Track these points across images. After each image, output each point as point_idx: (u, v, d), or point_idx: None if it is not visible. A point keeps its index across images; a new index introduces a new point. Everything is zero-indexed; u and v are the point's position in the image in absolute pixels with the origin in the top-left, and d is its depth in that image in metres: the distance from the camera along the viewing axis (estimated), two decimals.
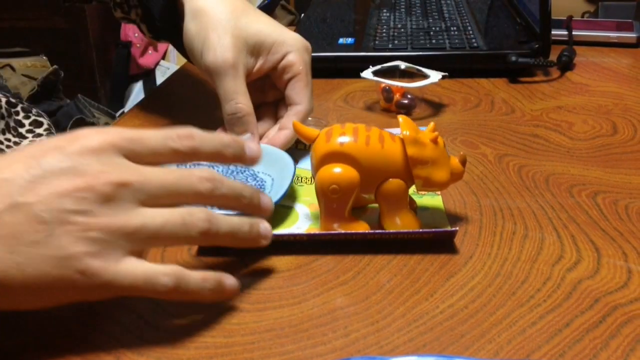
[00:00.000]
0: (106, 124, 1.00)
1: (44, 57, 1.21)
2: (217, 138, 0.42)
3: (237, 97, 0.54)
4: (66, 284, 0.35)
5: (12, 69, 1.13)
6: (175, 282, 0.37)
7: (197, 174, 0.40)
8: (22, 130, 0.71)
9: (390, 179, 0.46)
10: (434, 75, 0.71)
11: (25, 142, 0.69)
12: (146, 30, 0.66)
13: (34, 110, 0.71)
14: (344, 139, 0.46)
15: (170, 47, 2.28)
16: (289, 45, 0.57)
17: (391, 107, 0.72)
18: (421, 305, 0.41)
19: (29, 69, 1.17)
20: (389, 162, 0.46)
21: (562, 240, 0.47)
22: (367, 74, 0.72)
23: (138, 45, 2.20)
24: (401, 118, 0.46)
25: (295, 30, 0.95)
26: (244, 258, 0.46)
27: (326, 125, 0.68)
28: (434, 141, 0.46)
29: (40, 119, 0.71)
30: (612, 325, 0.39)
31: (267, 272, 0.45)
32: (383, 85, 0.71)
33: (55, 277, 0.35)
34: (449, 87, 0.79)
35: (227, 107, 0.54)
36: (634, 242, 0.47)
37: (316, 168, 0.46)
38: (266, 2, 1.86)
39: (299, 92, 0.57)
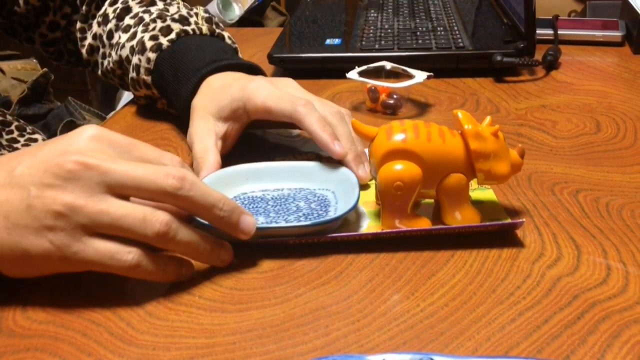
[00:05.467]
0: None
1: (34, 60, 1.21)
2: (213, 194, 0.43)
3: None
4: (43, 254, 0.40)
5: (2, 72, 1.13)
6: (138, 261, 0.41)
7: (167, 171, 0.41)
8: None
9: (452, 174, 0.46)
10: (419, 75, 0.71)
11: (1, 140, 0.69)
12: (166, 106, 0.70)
13: (8, 117, 0.71)
14: (405, 135, 0.46)
15: None
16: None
17: (377, 107, 0.72)
18: (402, 304, 0.41)
19: (19, 72, 1.17)
20: (451, 157, 0.46)
21: (543, 237, 0.48)
22: (353, 74, 0.72)
23: None
24: (460, 113, 0.47)
25: (283, 32, 0.96)
26: None
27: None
28: (495, 135, 0.47)
29: (10, 127, 0.71)
30: (590, 322, 0.39)
31: (250, 273, 0.45)
32: (369, 85, 0.71)
33: (34, 246, 0.39)
34: (435, 87, 0.79)
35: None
36: (614, 239, 0.47)
37: (378, 166, 0.47)
38: (257, 3, 1.87)
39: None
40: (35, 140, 0.71)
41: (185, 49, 0.64)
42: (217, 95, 0.58)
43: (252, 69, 0.64)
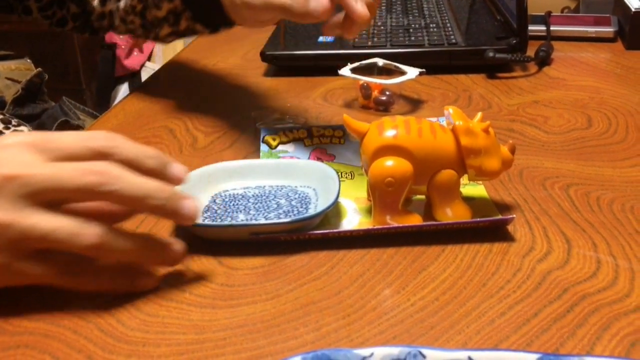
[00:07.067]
0: None
1: (28, 60, 1.20)
2: (141, 147, 0.42)
3: None
4: None
5: None
6: (101, 239, 0.39)
7: (84, 167, 0.39)
8: None
9: (443, 170, 0.47)
10: (412, 72, 0.71)
11: None
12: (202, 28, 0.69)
13: None
14: (396, 131, 0.46)
15: (156, 49, 2.27)
16: None
17: (369, 104, 0.72)
18: (393, 298, 0.41)
19: (12, 72, 1.16)
20: (442, 153, 0.46)
21: (534, 232, 0.48)
22: (345, 71, 0.72)
23: (123, 46, 2.19)
24: (451, 109, 0.47)
25: (276, 30, 0.96)
26: (217, 255, 0.46)
27: (305, 122, 0.68)
28: (486, 131, 0.47)
29: None
30: (579, 315, 0.39)
31: (240, 269, 0.45)
32: (361, 82, 0.71)
33: None
34: (428, 83, 0.79)
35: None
36: (604, 233, 0.47)
37: (369, 161, 0.47)
38: None
39: None
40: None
41: None
42: None
43: None
